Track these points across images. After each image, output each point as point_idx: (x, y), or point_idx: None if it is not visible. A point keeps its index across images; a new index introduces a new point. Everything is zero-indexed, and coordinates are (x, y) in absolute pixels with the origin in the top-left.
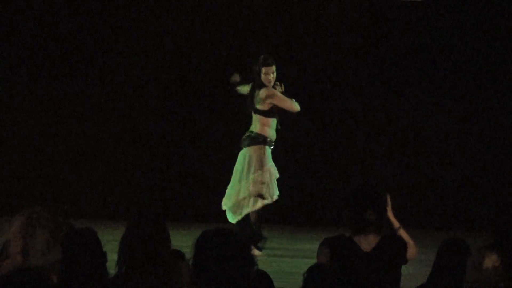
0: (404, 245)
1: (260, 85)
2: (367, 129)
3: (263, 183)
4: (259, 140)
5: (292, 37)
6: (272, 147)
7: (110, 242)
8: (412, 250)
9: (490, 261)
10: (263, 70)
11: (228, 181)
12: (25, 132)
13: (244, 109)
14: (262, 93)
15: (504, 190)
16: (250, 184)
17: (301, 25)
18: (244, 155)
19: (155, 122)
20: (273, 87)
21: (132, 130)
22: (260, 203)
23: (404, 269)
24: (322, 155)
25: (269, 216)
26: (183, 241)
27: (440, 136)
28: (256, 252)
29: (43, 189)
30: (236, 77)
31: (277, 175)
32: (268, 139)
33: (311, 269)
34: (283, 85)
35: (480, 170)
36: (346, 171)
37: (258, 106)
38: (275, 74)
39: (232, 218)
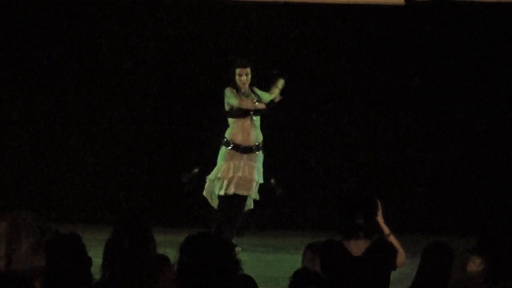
0: (394, 250)
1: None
2: (352, 134)
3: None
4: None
5: (287, 45)
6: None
7: (95, 246)
8: (401, 257)
9: (474, 264)
10: (237, 71)
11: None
12: (10, 136)
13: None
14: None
15: (488, 194)
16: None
17: (294, 33)
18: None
19: (141, 126)
20: (251, 89)
21: (119, 134)
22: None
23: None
24: (309, 160)
25: (256, 220)
26: (168, 245)
27: (424, 140)
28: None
29: (28, 193)
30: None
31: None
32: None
33: (297, 274)
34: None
35: (464, 174)
36: (331, 176)
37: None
38: (249, 76)
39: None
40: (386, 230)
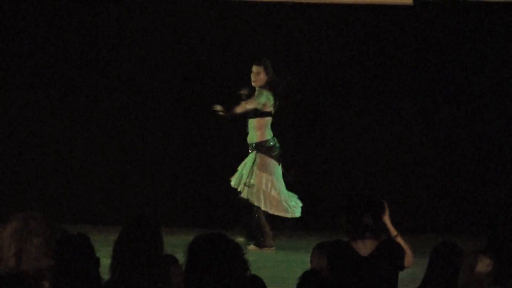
0: (401, 251)
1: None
2: (359, 135)
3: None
4: None
5: (293, 45)
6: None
7: (104, 247)
8: (409, 258)
9: (483, 265)
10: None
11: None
12: (18, 136)
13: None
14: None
15: (497, 194)
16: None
17: (302, 33)
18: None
19: (150, 127)
20: (263, 87)
21: (127, 135)
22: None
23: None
24: (316, 161)
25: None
26: (176, 246)
27: (431, 140)
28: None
29: (37, 193)
30: (244, 91)
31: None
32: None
33: (305, 274)
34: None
35: (473, 174)
36: (338, 177)
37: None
38: (261, 75)
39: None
40: (393, 231)
